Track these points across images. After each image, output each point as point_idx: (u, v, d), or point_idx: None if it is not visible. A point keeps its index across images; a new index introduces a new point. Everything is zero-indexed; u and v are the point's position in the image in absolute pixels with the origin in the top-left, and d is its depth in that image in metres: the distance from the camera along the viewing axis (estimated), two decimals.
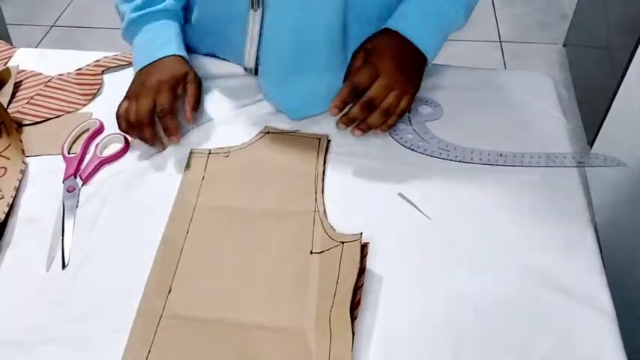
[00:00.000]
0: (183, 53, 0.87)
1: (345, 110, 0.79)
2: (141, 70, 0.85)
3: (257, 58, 0.88)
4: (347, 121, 0.79)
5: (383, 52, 0.78)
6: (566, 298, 0.65)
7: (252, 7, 0.82)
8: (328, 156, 0.81)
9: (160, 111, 0.80)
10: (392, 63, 0.78)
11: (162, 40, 0.87)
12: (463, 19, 0.83)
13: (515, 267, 0.68)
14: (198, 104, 0.84)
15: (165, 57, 0.84)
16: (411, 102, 0.80)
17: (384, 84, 0.77)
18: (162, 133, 0.82)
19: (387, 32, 0.81)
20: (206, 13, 0.91)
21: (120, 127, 0.82)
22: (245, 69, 0.91)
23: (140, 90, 0.82)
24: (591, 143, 1.73)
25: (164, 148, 0.82)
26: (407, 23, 0.81)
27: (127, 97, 0.83)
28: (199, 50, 0.94)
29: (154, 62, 0.84)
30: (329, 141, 0.83)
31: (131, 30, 0.88)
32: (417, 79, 0.81)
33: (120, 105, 0.83)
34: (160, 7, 0.87)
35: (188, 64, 0.86)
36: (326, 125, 0.85)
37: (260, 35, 0.84)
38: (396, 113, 0.79)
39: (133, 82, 0.85)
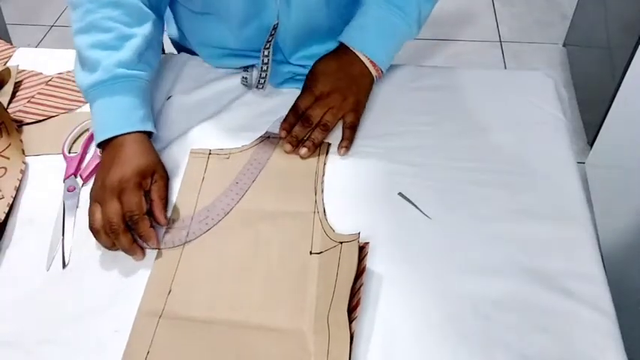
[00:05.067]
0: (151, 128, 0.78)
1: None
2: (104, 151, 0.75)
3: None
4: (291, 140, 0.81)
5: (319, 77, 0.85)
6: (566, 298, 0.65)
7: (258, 86, 0.90)
8: (328, 157, 0.81)
9: (130, 218, 0.69)
10: (326, 86, 0.84)
11: (139, 113, 0.77)
12: (416, 31, 0.88)
13: (515, 267, 0.68)
14: (167, 204, 0.75)
15: (131, 134, 0.75)
16: (357, 116, 0.84)
17: (319, 104, 0.83)
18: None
19: (333, 53, 0.86)
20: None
21: (99, 240, 0.70)
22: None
23: (100, 191, 0.71)
24: (591, 143, 1.73)
25: (144, 256, 0.70)
26: (361, 39, 0.86)
27: (93, 200, 0.72)
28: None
29: (116, 139, 0.74)
30: (329, 145, 0.83)
31: (109, 87, 0.76)
32: (355, 96, 0.85)
33: (90, 213, 0.71)
34: (144, 74, 0.79)
35: (154, 150, 0.77)
36: None
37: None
38: (347, 127, 0.83)
39: (95, 176, 0.74)
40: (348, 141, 0.82)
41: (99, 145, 0.76)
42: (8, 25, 1.96)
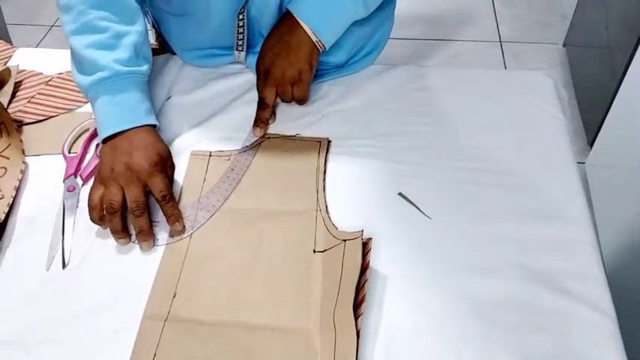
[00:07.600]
0: (155, 121, 0.80)
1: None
2: (112, 140, 0.76)
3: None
4: (259, 124, 0.85)
5: (262, 54, 0.86)
6: (566, 298, 0.65)
7: (237, 49, 0.91)
8: (329, 156, 0.81)
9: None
10: (266, 62, 0.85)
11: (145, 107, 0.79)
12: (362, 11, 0.86)
13: (515, 267, 0.68)
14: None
15: (141, 127, 0.77)
16: (303, 87, 0.86)
17: (266, 84, 0.85)
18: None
19: (277, 23, 0.86)
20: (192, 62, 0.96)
21: (94, 218, 0.72)
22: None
23: (125, 173, 0.73)
24: (591, 143, 1.73)
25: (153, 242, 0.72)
26: (303, 7, 0.84)
27: (103, 181, 0.73)
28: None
29: (125, 132, 0.76)
30: (329, 142, 0.83)
31: (112, 84, 0.77)
32: (294, 67, 0.84)
33: (93, 191, 0.73)
34: (144, 68, 0.81)
35: (164, 142, 0.79)
36: (325, 129, 0.85)
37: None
38: (297, 101, 0.87)
39: (104, 159, 0.75)
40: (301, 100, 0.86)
41: (104, 141, 0.77)
42: (8, 25, 1.96)
